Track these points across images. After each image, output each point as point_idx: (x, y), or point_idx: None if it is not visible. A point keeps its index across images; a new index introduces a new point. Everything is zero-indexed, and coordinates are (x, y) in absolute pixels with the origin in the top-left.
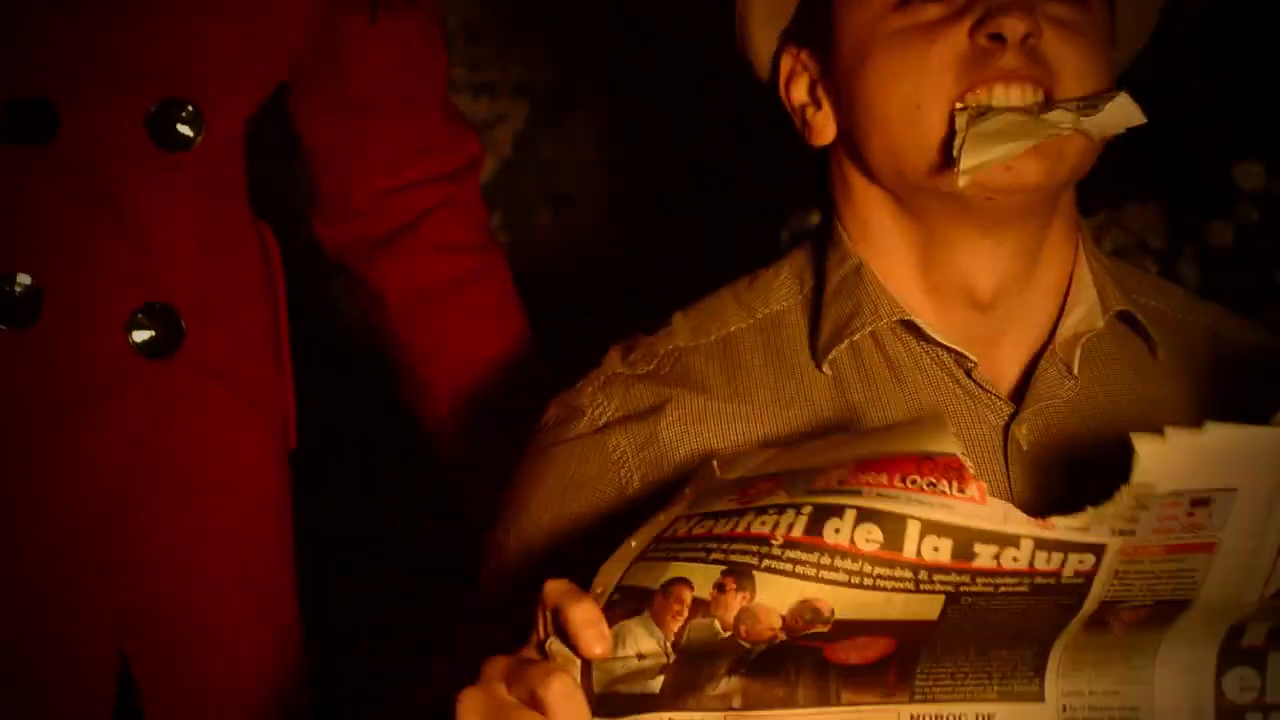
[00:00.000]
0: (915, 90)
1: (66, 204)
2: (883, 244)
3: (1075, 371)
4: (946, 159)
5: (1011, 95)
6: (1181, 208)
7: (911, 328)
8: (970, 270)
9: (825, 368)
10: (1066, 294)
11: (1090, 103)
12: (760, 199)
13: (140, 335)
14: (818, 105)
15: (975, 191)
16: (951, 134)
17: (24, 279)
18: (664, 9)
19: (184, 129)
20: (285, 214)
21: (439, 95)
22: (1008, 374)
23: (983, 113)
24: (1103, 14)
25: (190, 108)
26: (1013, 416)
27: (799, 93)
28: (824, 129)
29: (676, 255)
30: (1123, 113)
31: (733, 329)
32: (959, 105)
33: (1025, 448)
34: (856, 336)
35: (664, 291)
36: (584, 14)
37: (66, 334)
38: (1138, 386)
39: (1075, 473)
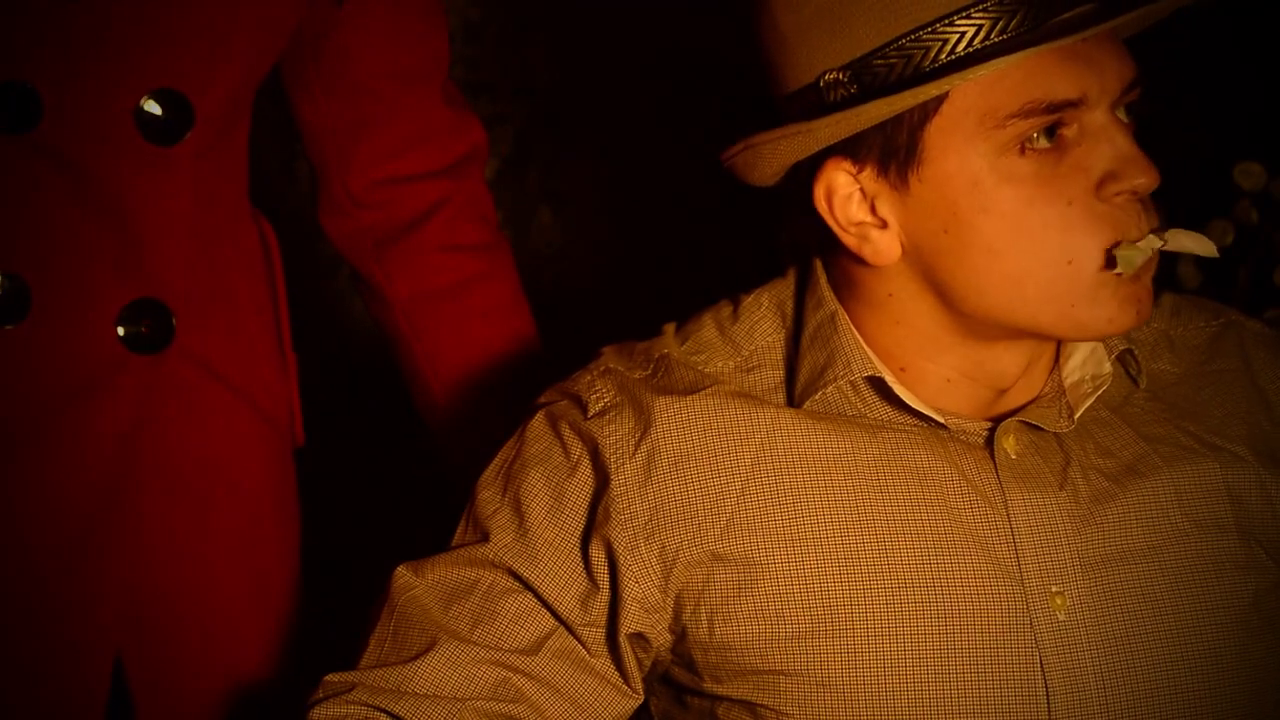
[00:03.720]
0: (1062, 248)
1: (54, 198)
2: (910, 327)
3: (1075, 418)
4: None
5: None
6: (1181, 208)
7: (880, 386)
8: (1008, 362)
9: (804, 407)
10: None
11: (1160, 231)
12: (759, 198)
13: (129, 330)
14: (882, 225)
15: (1093, 334)
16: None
17: (7, 277)
18: (663, 9)
19: (172, 121)
20: (289, 207)
21: (438, 76)
22: (1000, 409)
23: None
24: None
25: (179, 98)
26: (991, 431)
27: (854, 210)
28: (890, 249)
29: (676, 255)
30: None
31: (719, 365)
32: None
33: (1014, 456)
34: (830, 389)
35: (664, 291)
36: (584, 14)
37: (55, 330)
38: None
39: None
